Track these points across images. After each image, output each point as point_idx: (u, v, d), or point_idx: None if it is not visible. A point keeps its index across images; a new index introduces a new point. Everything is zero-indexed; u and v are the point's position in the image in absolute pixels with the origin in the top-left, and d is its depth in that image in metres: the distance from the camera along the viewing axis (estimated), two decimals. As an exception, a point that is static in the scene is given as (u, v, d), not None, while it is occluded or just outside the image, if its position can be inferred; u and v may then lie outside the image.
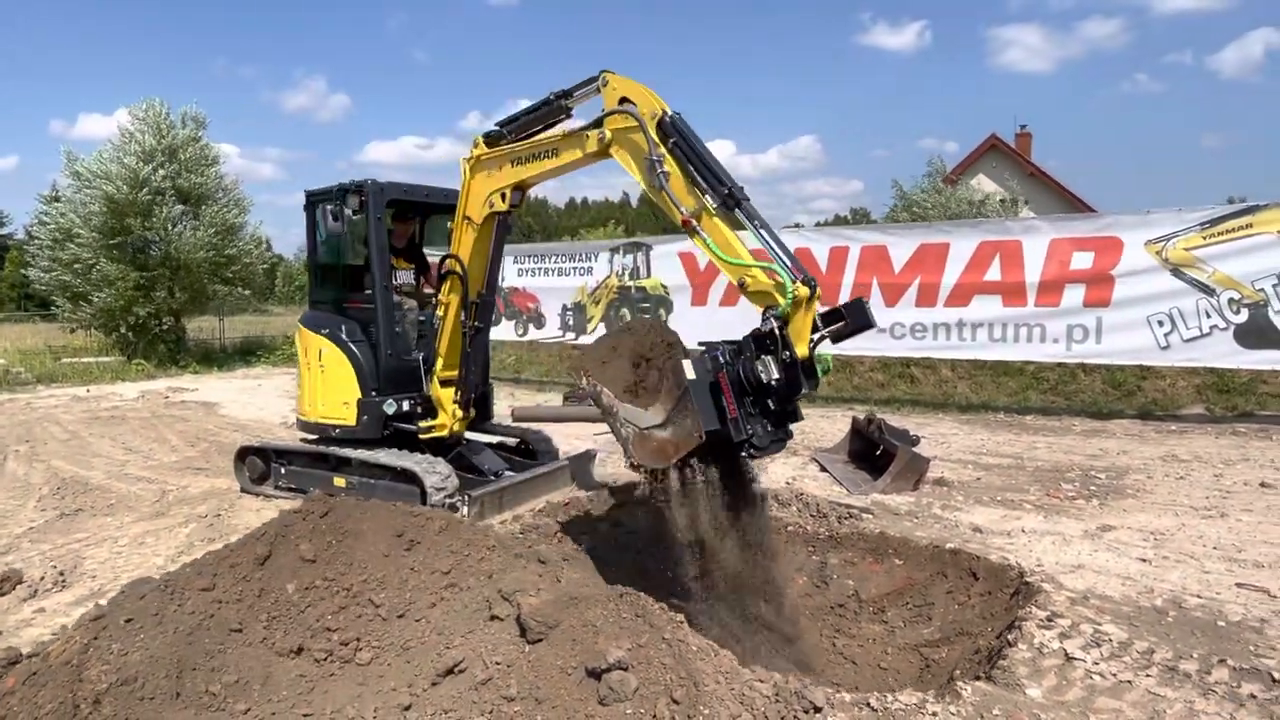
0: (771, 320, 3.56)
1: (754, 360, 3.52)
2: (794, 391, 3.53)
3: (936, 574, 4.68)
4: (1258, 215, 8.41)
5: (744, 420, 3.50)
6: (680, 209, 3.93)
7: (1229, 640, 3.49)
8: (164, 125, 16.75)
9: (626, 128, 4.21)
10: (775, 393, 3.51)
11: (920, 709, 2.92)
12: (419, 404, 5.83)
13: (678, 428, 3.58)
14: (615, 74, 4.34)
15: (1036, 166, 26.38)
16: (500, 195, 5.11)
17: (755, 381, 3.51)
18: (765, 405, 3.56)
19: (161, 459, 7.82)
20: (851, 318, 3.65)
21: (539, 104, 4.82)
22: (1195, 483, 6.24)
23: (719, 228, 3.90)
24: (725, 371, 3.55)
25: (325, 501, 3.59)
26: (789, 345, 3.50)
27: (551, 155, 4.76)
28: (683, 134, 4.01)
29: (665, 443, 3.60)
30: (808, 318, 3.58)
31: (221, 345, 20.02)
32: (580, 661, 2.74)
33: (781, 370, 3.47)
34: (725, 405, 3.51)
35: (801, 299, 3.54)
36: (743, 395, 3.54)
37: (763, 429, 3.56)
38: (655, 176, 3.99)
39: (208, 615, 3.02)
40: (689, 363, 3.66)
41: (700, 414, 3.49)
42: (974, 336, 9.96)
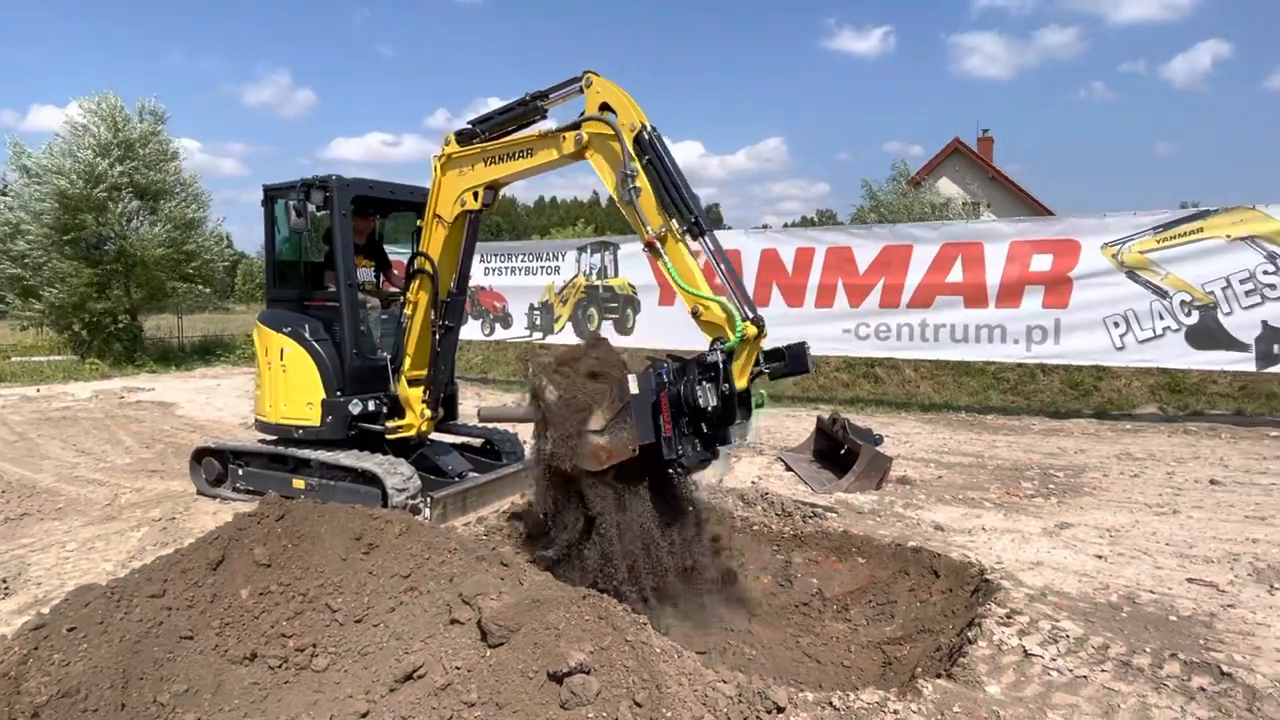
0: (719, 352, 3.73)
1: (695, 384, 3.68)
2: (727, 421, 3.72)
3: (899, 572, 4.72)
4: (1208, 220, 8.65)
5: (677, 440, 3.69)
6: (647, 228, 4.02)
7: (1180, 634, 3.57)
8: (119, 119, 16.28)
9: (604, 134, 4.22)
10: (710, 419, 3.69)
11: (882, 707, 2.94)
12: (385, 404, 5.74)
13: (614, 437, 3.77)
14: (599, 76, 4.31)
15: (998, 170, 26.91)
16: (473, 194, 5.05)
17: (693, 405, 3.67)
18: (699, 428, 3.74)
19: (114, 461, 7.59)
20: (791, 361, 3.94)
21: (514, 104, 4.79)
22: (1149, 481, 6.40)
23: (681, 254, 4.01)
24: (666, 391, 3.71)
25: (281, 504, 3.50)
26: (730, 379, 3.68)
27: (526, 155, 4.72)
28: (658, 153, 4.06)
29: (599, 448, 3.78)
30: (752, 354, 3.79)
31: (180, 344, 19.54)
32: (542, 665, 2.70)
33: (719, 399, 3.66)
34: (662, 424, 3.70)
35: (749, 337, 3.75)
36: (679, 416, 3.71)
37: (692, 449, 3.76)
38: (627, 190, 4.05)
39: (156, 623, 2.92)
40: (634, 377, 3.82)
41: (637, 428, 3.69)
42: (936, 337, 10.10)
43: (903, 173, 22.56)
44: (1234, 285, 8.50)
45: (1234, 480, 6.31)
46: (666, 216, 4.02)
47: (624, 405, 3.76)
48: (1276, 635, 3.56)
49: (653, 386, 3.74)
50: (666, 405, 3.69)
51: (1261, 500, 5.72)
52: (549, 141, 4.56)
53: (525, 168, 4.75)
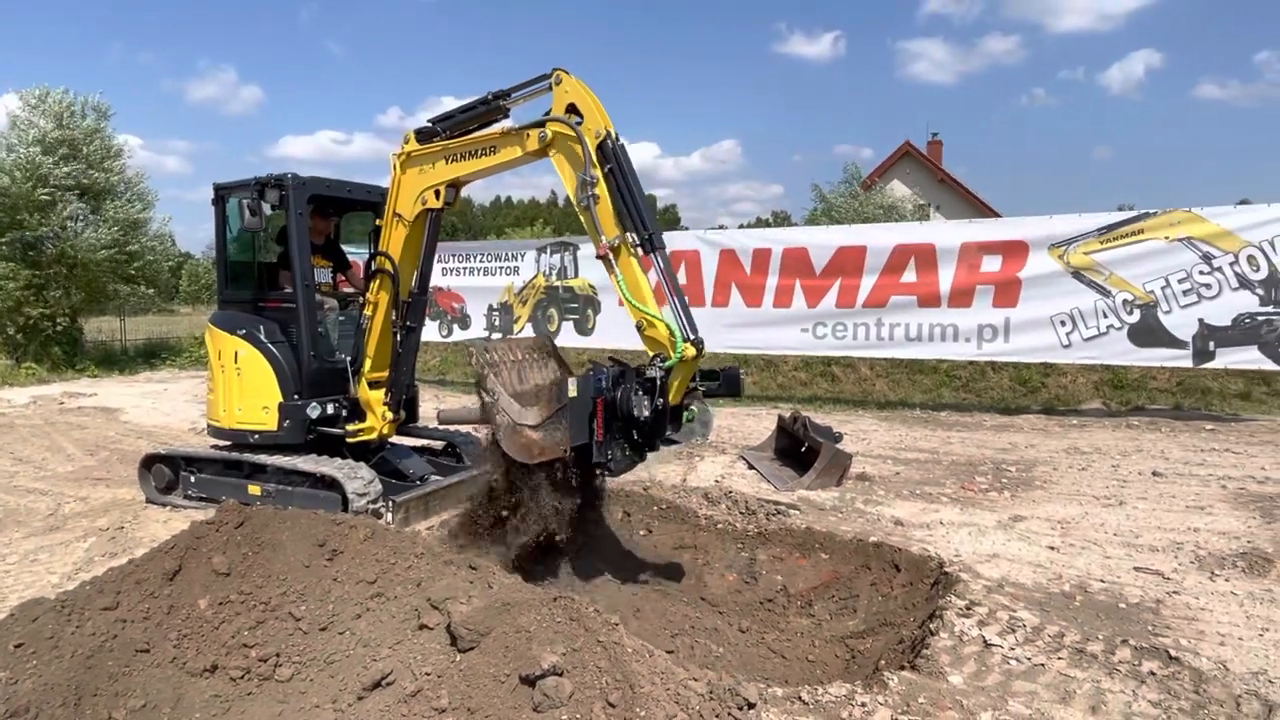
0: (658, 368, 3.88)
1: (631, 394, 3.84)
2: (657, 433, 3.96)
3: (861, 567, 4.81)
4: (1148, 222, 9.00)
5: (608, 444, 3.87)
6: (602, 237, 4.08)
7: (1130, 621, 3.71)
8: (64, 115, 15.62)
9: (568, 135, 4.22)
10: (641, 428, 3.89)
11: (850, 700, 2.99)
12: (345, 407, 5.63)
13: (549, 435, 3.94)
14: (570, 75, 4.30)
15: (947, 173, 27.53)
16: (434, 192, 5.00)
17: (627, 413, 3.84)
18: (629, 434, 3.93)
19: (56, 469, 7.30)
20: (725, 385, 4.17)
21: (476, 102, 4.76)
22: (1096, 473, 6.62)
23: (632, 268, 4.10)
24: (604, 397, 3.85)
25: (240, 511, 3.41)
26: (665, 394, 3.88)
27: (489, 153, 4.69)
28: (620, 163, 4.11)
29: (533, 443, 3.93)
30: (689, 373, 3.98)
31: (123, 347, 18.85)
32: (514, 669, 2.69)
33: (652, 412, 3.84)
34: (595, 427, 3.85)
35: (688, 359, 3.89)
36: (612, 421, 3.87)
37: (621, 453, 3.95)
38: (585, 195, 4.09)
39: (110, 636, 2.83)
40: (574, 381, 3.97)
41: (570, 430, 3.85)
42: (891, 337, 10.31)
43: (854, 175, 22.94)
44: (1172, 285, 8.86)
45: (1174, 472, 6.57)
46: (622, 228, 4.08)
47: (561, 406, 3.92)
48: (1218, 620, 3.73)
49: (590, 391, 3.87)
50: (601, 411, 3.83)
51: (1200, 490, 5.97)
52: (512, 139, 4.54)
53: (488, 165, 4.72)
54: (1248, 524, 5.11)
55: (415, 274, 5.45)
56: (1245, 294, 8.61)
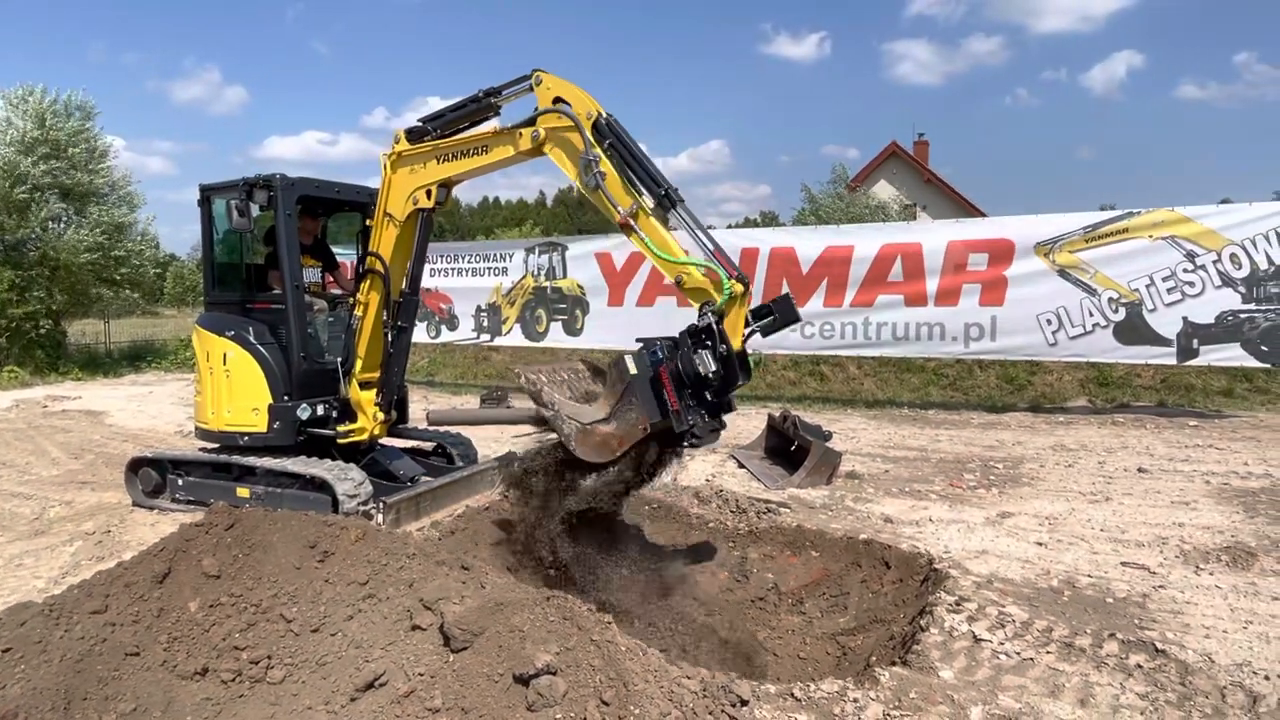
0: (709, 315, 3.69)
1: (691, 354, 3.64)
2: (730, 383, 3.68)
3: (851, 564, 4.84)
4: (1132, 221, 9.09)
5: (685, 412, 3.64)
6: (618, 209, 4.01)
7: (1117, 615, 3.75)
8: (46, 115, 15.43)
9: (561, 127, 4.22)
10: (712, 385, 3.65)
11: (842, 696, 3.01)
12: (335, 408, 5.60)
13: (622, 421, 3.72)
14: (548, 73, 4.32)
15: (933, 173, 27.66)
16: (425, 192, 4.98)
17: (693, 375, 3.63)
18: (703, 397, 3.69)
19: (40, 473, 7.22)
20: (780, 313, 3.88)
21: (466, 101, 4.74)
22: (1082, 470, 6.68)
23: (655, 227, 4.02)
24: (665, 366, 3.67)
25: (230, 513, 3.39)
26: (725, 339, 3.64)
27: (481, 152, 4.68)
28: (618, 135, 4.09)
29: (609, 437, 3.73)
30: (742, 313, 3.77)
31: (108, 350, 18.66)
32: (508, 668, 2.69)
33: (718, 363, 3.61)
34: (667, 398, 3.64)
35: (737, 295, 3.73)
36: (681, 388, 3.66)
37: (701, 420, 3.70)
38: (591, 176, 4.04)
39: (99, 640, 2.80)
40: (630, 358, 3.78)
41: (644, 408, 3.66)
42: (879, 335, 10.36)
43: (841, 176, 23.04)
44: (1157, 283, 8.95)
45: (1159, 468, 6.65)
46: (635, 194, 4.03)
47: (626, 387, 3.73)
48: (1203, 613, 3.77)
49: (649, 364, 3.71)
50: (668, 379, 3.65)
51: (1185, 486, 6.04)
52: (504, 138, 4.53)
53: (479, 165, 4.71)
54: (1231, 519, 5.17)
55: (406, 274, 5.44)
56: (1228, 292, 8.72)
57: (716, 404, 3.76)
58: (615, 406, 3.79)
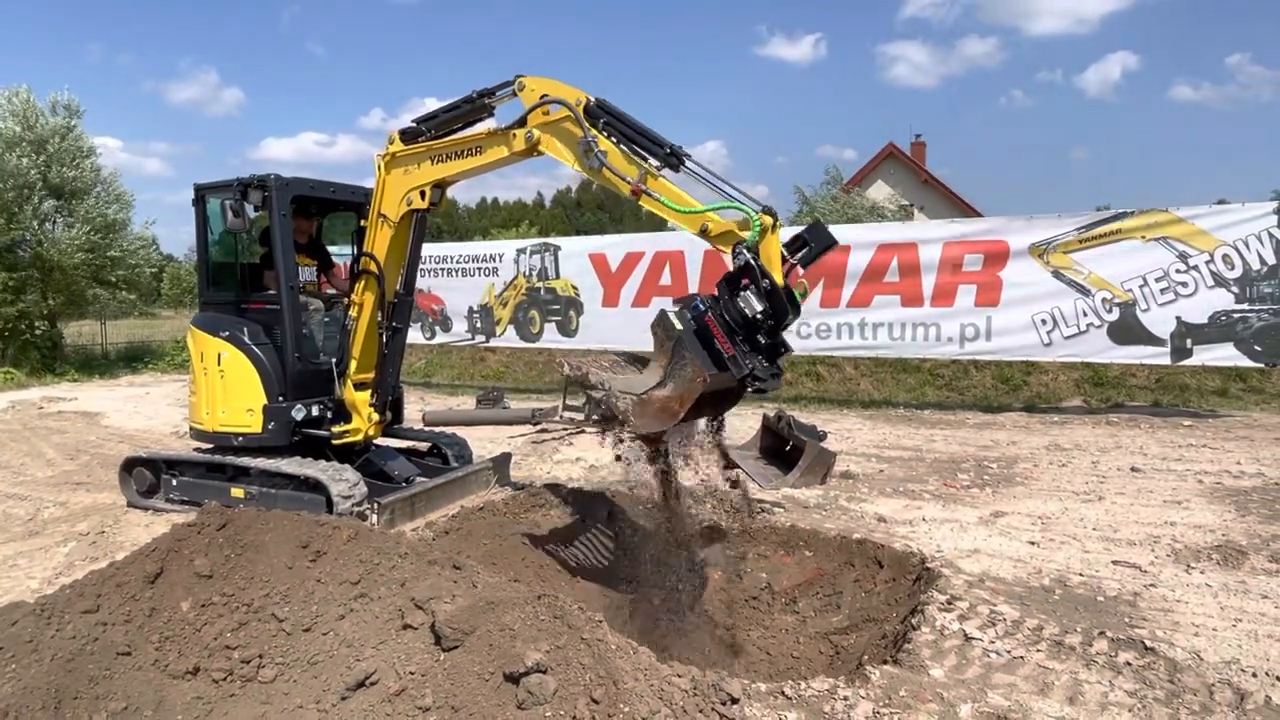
0: (744, 253, 3.57)
1: (734, 298, 3.51)
2: (781, 318, 3.52)
3: (845, 564, 4.85)
4: (1125, 221, 9.12)
5: (741, 357, 3.48)
6: (625, 180, 3.98)
7: (1107, 614, 3.76)
8: (31, 114, 15.43)
9: (554, 120, 4.24)
10: (763, 325, 3.52)
11: (832, 694, 3.02)
12: (330, 409, 5.60)
13: (678, 380, 3.51)
14: (530, 76, 4.38)
15: (930, 174, 27.72)
16: (419, 193, 5.00)
17: (741, 318, 3.50)
18: (755, 341, 3.56)
19: (35, 474, 7.22)
20: (814, 240, 3.71)
21: (460, 102, 4.76)
22: (1075, 470, 6.70)
23: (667, 185, 3.98)
24: (710, 315, 3.52)
25: (222, 513, 3.39)
26: (766, 273, 3.51)
27: (475, 153, 4.70)
28: (610, 112, 4.11)
29: (668, 400, 3.52)
30: (776, 245, 3.64)
31: (104, 351, 18.65)
32: (498, 667, 2.69)
33: (764, 300, 3.47)
34: (720, 346, 3.48)
35: (767, 226, 3.61)
36: (733, 335, 3.51)
37: (760, 364, 3.55)
38: (592, 158, 4.04)
39: (91, 639, 2.81)
40: (674, 314, 3.60)
41: (699, 360, 3.46)
42: (875, 336, 10.39)
43: (836, 178, 23.12)
44: (1150, 283, 8.98)
45: (1152, 468, 6.67)
46: (640, 160, 4.02)
47: (675, 343, 3.54)
48: (1193, 611, 3.79)
49: (693, 317, 3.55)
50: (717, 325, 3.50)
51: (1177, 485, 6.06)
52: (498, 139, 4.56)
53: (474, 165, 4.73)
54: (1223, 517, 5.20)
55: (401, 275, 5.44)
56: (1221, 292, 8.75)
57: (771, 346, 3.61)
58: (668, 367, 3.57)
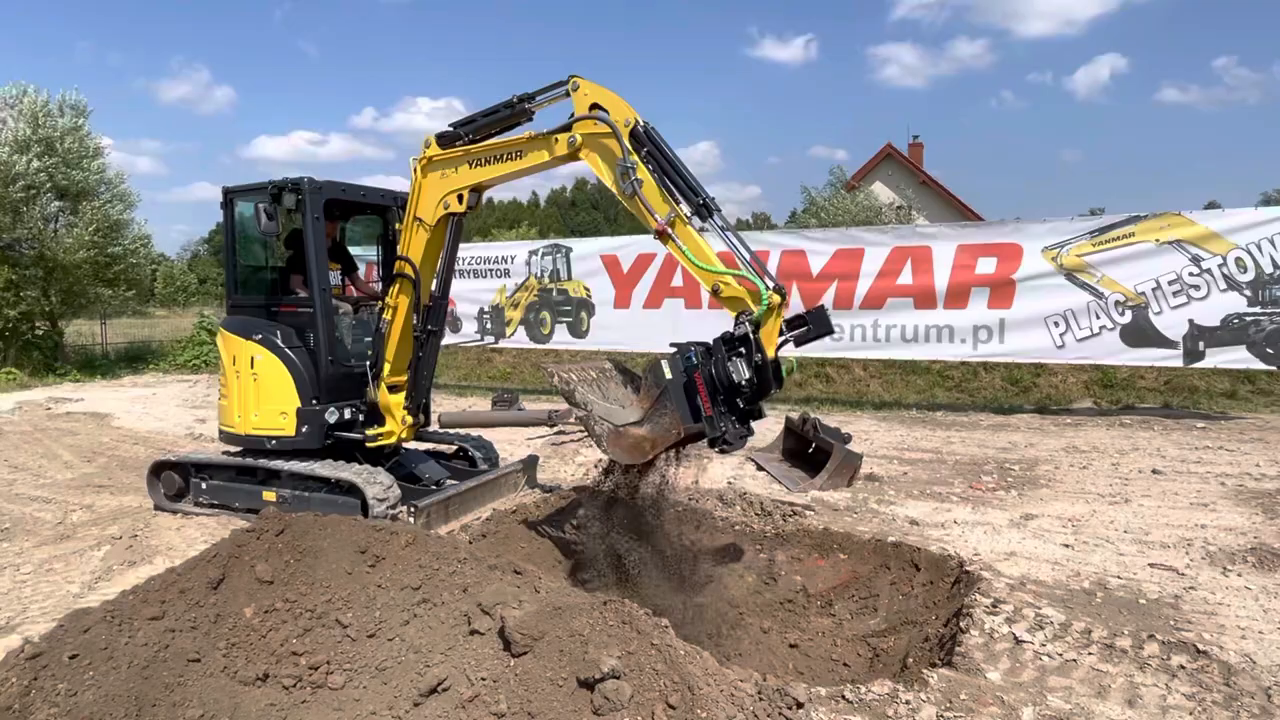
0: (746, 324, 3.76)
1: (726, 362, 3.71)
2: (764, 392, 3.74)
3: (880, 566, 4.87)
4: (1139, 225, 9.19)
5: (718, 418, 3.71)
6: (655, 216, 4.07)
7: (1152, 616, 3.80)
8: (41, 114, 15.32)
9: (597, 133, 4.27)
10: (745, 393, 3.71)
11: (894, 698, 3.05)
12: (362, 411, 5.60)
13: (656, 425, 3.78)
14: (585, 79, 4.39)
15: (928, 175, 27.80)
16: (457, 197, 5.02)
17: (727, 382, 3.70)
18: (734, 404, 3.76)
19: (55, 476, 7.19)
20: (814, 325, 4.00)
21: (500, 106, 4.78)
22: (1097, 472, 6.76)
23: (692, 236, 4.08)
24: (700, 371, 3.73)
25: (280, 518, 3.40)
26: (761, 349, 3.70)
27: (515, 157, 4.72)
28: (655, 143, 4.16)
29: (642, 440, 3.78)
30: (778, 323, 3.86)
31: (104, 351, 18.55)
32: (571, 672, 2.70)
33: (753, 371, 3.67)
34: (701, 404, 3.70)
35: (774, 306, 3.80)
36: (715, 394, 3.73)
37: (732, 426, 3.76)
38: (628, 184, 4.10)
39: (162, 646, 2.81)
40: (666, 362, 3.82)
41: (679, 412, 3.72)
42: (888, 338, 10.43)
43: (840, 178, 23.19)
44: (1163, 286, 9.06)
45: (1173, 470, 6.73)
46: (673, 202, 4.09)
47: (661, 391, 3.78)
48: (1236, 614, 3.83)
49: (683, 369, 3.76)
50: (703, 384, 3.70)
51: (1201, 488, 6.12)
52: (540, 143, 4.58)
53: (514, 170, 4.75)
54: (1252, 520, 5.25)
55: (436, 278, 5.45)
56: (1233, 295, 8.83)
57: (747, 411, 3.82)
58: (649, 410, 3.86)
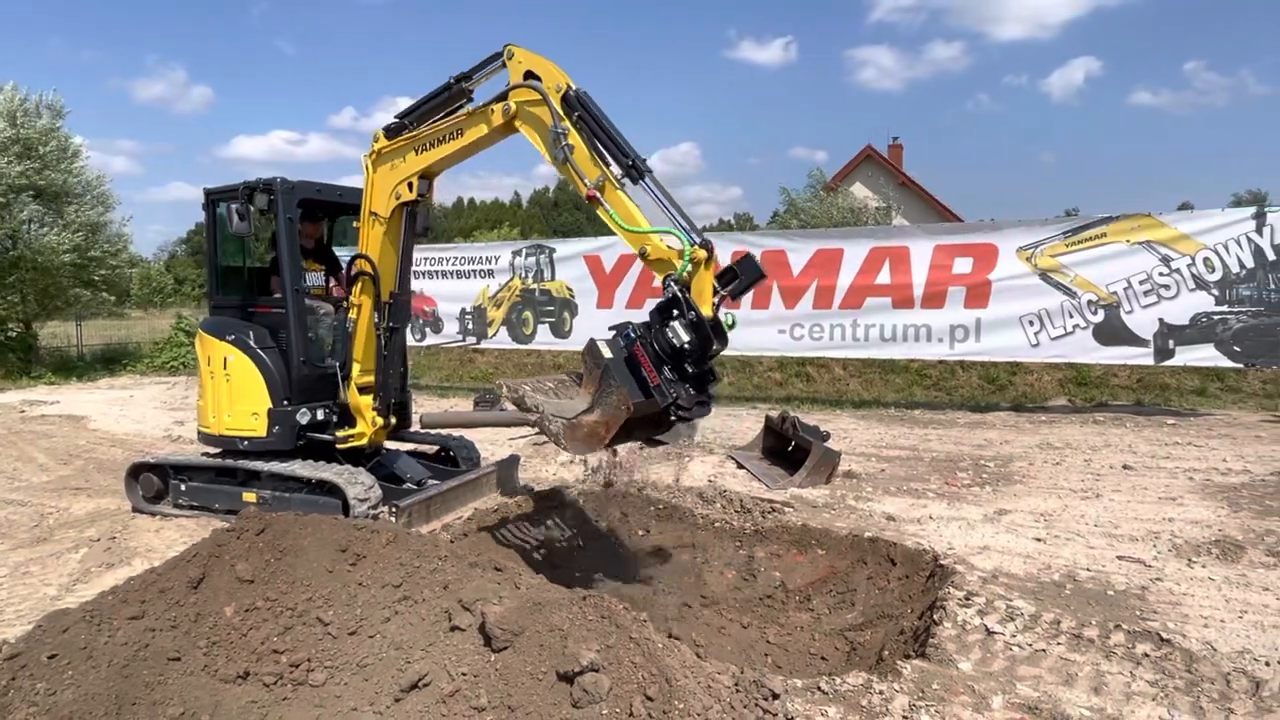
0: (672, 286, 3.70)
1: (663, 329, 3.65)
2: (705, 349, 3.65)
3: (857, 561, 4.95)
4: (1111, 226, 9.37)
5: (667, 386, 3.62)
6: (585, 181, 4.00)
7: (1119, 607, 3.90)
8: (19, 114, 15.10)
9: (531, 100, 4.23)
10: (689, 355, 3.64)
11: (868, 689, 3.12)
12: (335, 412, 5.59)
13: (604, 407, 3.67)
14: (520, 47, 4.34)
15: (908, 176, 28.09)
16: (407, 185, 4.97)
17: (669, 349, 3.64)
18: (684, 370, 3.69)
19: (30, 479, 7.12)
20: (744, 272, 3.84)
21: (439, 89, 4.74)
22: (1070, 468, 6.89)
23: (621, 199, 4.01)
24: (640, 344, 3.67)
25: (261, 518, 3.41)
26: (693, 306, 3.64)
27: (456, 136, 4.67)
28: (587, 107, 4.09)
29: (595, 425, 3.68)
30: (707, 278, 3.74)
31: (80, 353, 18.30)
32: (550, 666, 2.75)
33: (690, 331, 3.61)
34: (646, 375, 3.62)
35: (699, 260, 3.70)
36: (660, 365, 3.65)
37: (685, 393, 3.68)
38: (560, 149, 4.03)
39: (142, 645, 2.82)
40: (603, 343, 3.75)
41: (624, 387, 3.60)
42: (867, 337, 10.55)
43: (819, 180, 23.41)
44: (1134, 286, 9.24)
45: (1144, 465, 6.87)
46: (603, 166, 4.02)
47: (603, 371, 3.69)
48: (1200, 604, 3.95)
49: (623, 346, 3.71)
50: (644, 355, 3.64)
51: (1169, 482, 6.26)
52: (477, 118, 4.53)
53: (456, 149, 4.69)
54: (1217, 513, 5.39)
55: (395, 274, 5.37)
56: (1202, 294, 9.02)
57: (700, 376, 3.74)
58: (595, 394, 3.75)
